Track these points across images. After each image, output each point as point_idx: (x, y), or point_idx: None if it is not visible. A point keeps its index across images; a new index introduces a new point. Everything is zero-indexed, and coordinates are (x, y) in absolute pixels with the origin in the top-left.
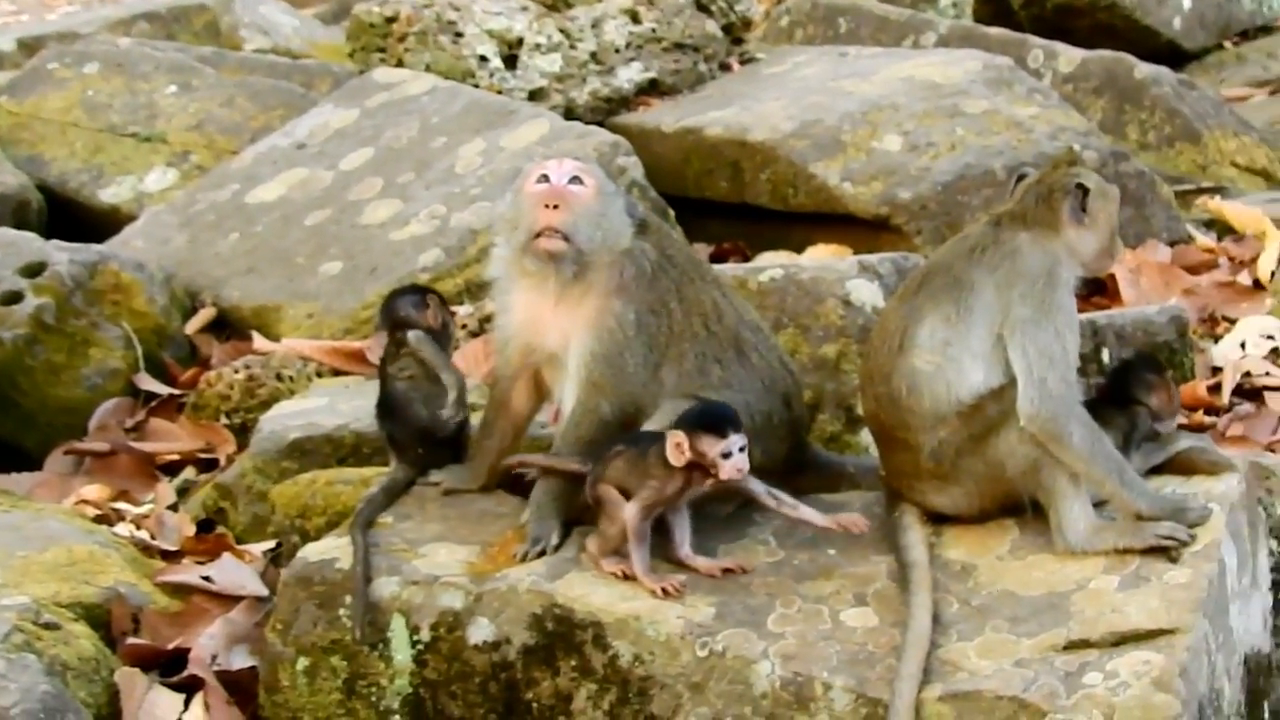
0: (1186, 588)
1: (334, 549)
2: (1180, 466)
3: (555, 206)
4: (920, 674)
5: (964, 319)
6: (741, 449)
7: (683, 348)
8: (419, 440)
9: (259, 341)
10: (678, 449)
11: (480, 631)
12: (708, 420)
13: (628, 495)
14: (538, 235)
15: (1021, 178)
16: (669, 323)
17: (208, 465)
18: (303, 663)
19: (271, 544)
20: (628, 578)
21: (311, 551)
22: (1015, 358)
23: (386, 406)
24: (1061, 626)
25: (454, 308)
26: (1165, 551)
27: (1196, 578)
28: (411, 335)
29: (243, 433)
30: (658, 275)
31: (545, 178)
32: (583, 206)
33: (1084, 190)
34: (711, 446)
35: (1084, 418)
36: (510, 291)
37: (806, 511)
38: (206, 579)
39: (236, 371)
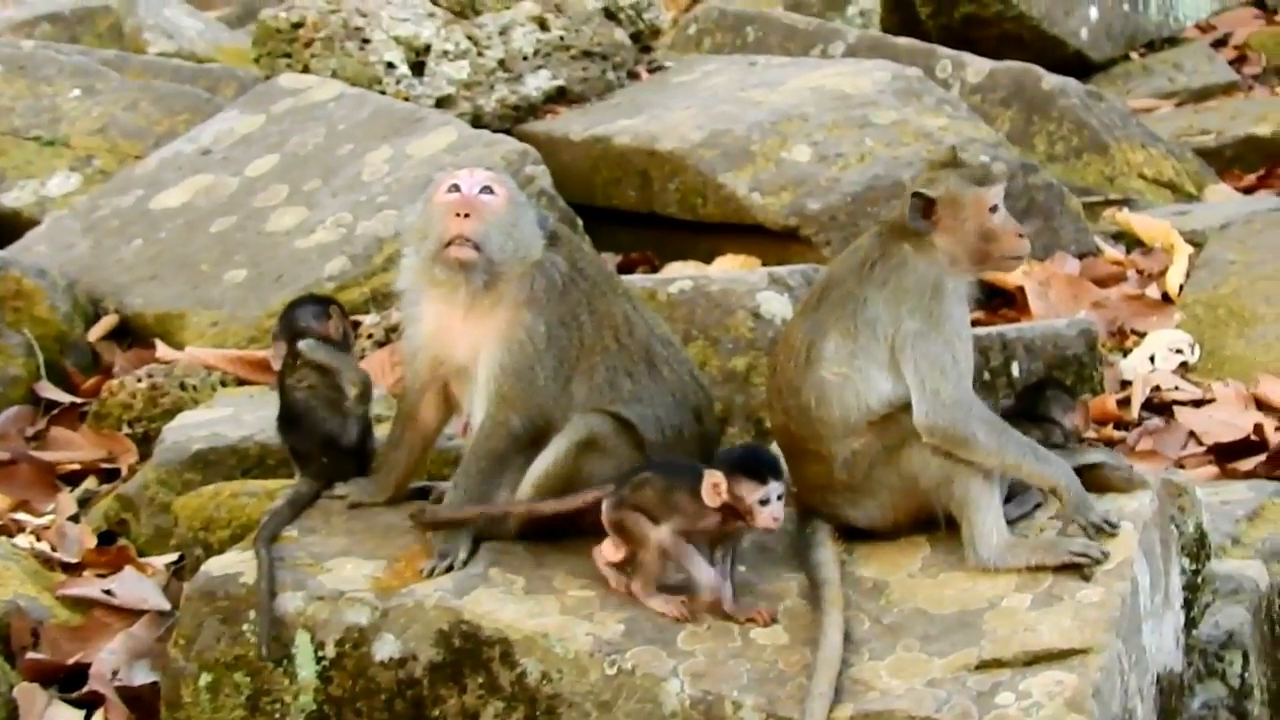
0: (1099, 606)
1: (238, 563)
2: (1093, 484)
3: (466, 215)
4: (831, 693)
5: (863, 332)
6: (779, 497)
7: (594, 361)
8: (323, 451)
9: (162, 350)
10: (714, 490)
11: (386, 648)
12: (748, 464)
13: (654, 522)
14: (448, 244)
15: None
16: (580, 335)
17: (109, 475)
18: (205, 678)
19: (174, 557)
20: (688, 618)
21: (215, 565)
22: (908, 372)
23: (288, 418)
24: (974, 645)
25: (360, 317)
26: (1079, 569)
27: (1109, 596)
28: (304, 344)
29: (145, 442)
30: (568, 287)
31: (456, 187)
32: (494, 216)
33: (923, 199)
34: (751, 492)
35: (985, 415)
36: (419, 302)
37: (726, 591)
38: (108, 592)
39: (139, 380)
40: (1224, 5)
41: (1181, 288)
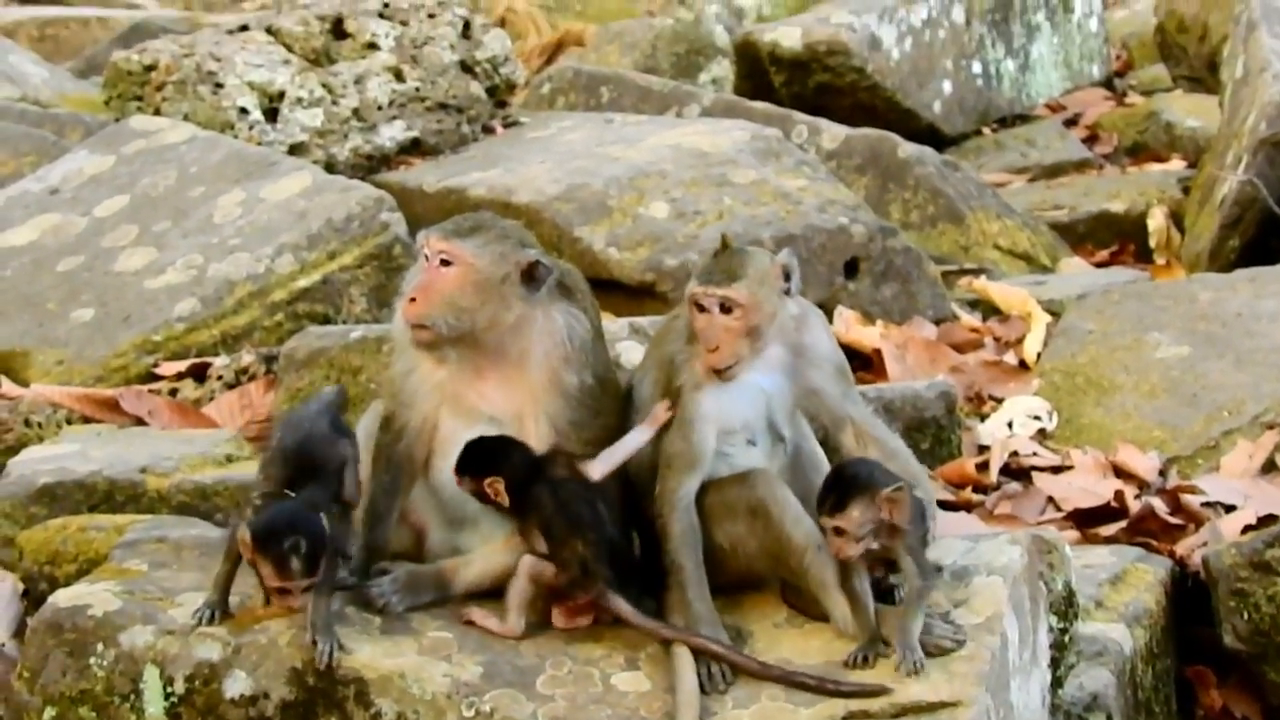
0: (968, 660)
1: (86, 595)
2: None
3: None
4: None
5: None
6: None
7: None
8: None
9: (6, 386)
10: None
11: (237, 685)
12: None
13: None
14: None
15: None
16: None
17: None
18: (50, 712)
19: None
20: None
21: (63, 597)
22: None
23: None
24: (840, 697)
25: (209, 359)
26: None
27: (979, 650)
28: None
29: None
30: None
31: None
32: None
33: None
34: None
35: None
36: None
37: None
38: None
39: None
40: (1075, 85)
41: (1039, 355)
